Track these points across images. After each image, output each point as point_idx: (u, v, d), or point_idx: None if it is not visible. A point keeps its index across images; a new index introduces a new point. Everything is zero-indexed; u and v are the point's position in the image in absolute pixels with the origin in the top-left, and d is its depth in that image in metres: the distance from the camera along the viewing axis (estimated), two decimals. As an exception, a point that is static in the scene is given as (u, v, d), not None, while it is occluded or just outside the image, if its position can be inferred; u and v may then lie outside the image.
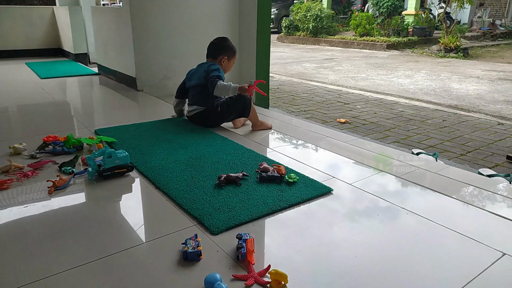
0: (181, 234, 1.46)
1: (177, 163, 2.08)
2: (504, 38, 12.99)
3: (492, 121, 4.16)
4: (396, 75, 6.97)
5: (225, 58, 2.66)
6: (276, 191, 1.78)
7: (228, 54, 2.67)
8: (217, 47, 2.66)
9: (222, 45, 2.68)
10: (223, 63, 2.66)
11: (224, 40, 2.70)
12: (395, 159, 2.53)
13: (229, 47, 2.69)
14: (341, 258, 1.35)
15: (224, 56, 2.66)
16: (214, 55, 2.66)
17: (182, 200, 1.68)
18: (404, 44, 11.01)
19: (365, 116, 4.31)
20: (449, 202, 1.82)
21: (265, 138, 2.88)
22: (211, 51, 2.69)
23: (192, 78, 2.67)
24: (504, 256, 1.35)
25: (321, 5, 13.05)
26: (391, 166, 2.39)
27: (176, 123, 2.85)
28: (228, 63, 2.69)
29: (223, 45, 2.67)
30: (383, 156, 2.49)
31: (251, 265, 1.26)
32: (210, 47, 2.71)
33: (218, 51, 2.66)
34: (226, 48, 2.68)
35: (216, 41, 2.70)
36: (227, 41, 2.70)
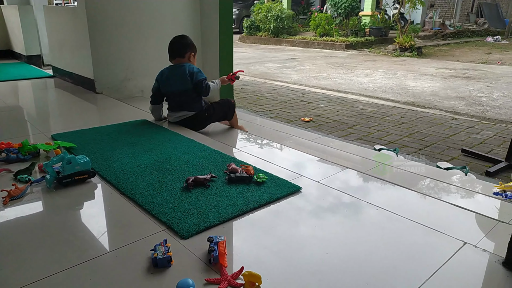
0: (150, 240, 1.41)
1: (142, 167, 2.01)
2: (453, 38, 13.74)
3: (446, 117, 4.39)
4: (356, 74, 7.18)
5: (192, 54, 2.69)
6: (245, 191, 1.77)
7: (193, 49, 2.70)
8: (182, 46, 2.66)
9: (185, 43, 2.68)
10: (191, 60, 2.69)
11: (185, 38, 2.71)
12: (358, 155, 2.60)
13: (192, 43, 2.72)
14: (312, 256, 1.36)
15: (190, 53, 2.67)
16: (180, 53, 2.65)
17: (149, 205, 1.63)
18: (362, 44, 11.37)
19: (328, 115, 4.40)
20: (411, 195, 1.89)
21: (231, 138, 2.86)
22: (176, 51, 2.66)
23: (170, 84, 2.61)
24: (466, 245, 1.41)
25: (281, 6, 13.20)
26: (354, 162, 2.45)
27: (139, 126, 2.77)
28: (194, 59, 2.72)
29: (186, 42, 2.68)
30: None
31: (223, 268, 1.24)
32: (174, 46, 2.67)
33: (183, 49, 2.66)
34: (190, 45, 2.70)
35: (178, 40, 2.69)
36: (188, 38, 2.72)
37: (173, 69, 2.63)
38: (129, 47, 3.81)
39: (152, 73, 3.98)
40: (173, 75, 2.61)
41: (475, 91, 5.71)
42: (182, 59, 2.65)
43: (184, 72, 2.56)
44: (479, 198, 2.07)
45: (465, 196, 2.03)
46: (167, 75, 2.64)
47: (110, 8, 3.63)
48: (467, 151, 3.15)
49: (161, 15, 3.92)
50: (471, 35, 14.43)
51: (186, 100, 2.60)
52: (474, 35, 14.49)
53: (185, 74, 2.56)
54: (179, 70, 2.60)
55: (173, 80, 2.60)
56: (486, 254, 1.37)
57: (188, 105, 2.63)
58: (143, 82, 3.98)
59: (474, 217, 1.67)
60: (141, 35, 3.85)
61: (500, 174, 2.73)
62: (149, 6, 3.83)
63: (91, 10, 3.57)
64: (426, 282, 1.22)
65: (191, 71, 2.58)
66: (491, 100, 5.19)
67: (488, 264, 1.32)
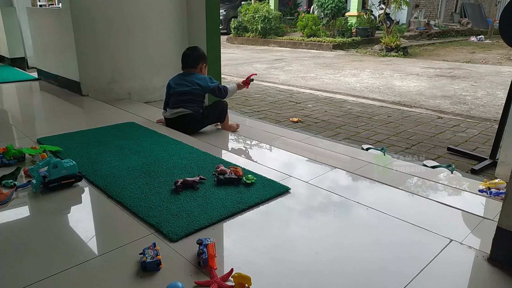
0: (139, 243, 1.40)
1: (130, 170, 2.00)
2: (438, 37, 13.95)
3: (432, 115, 4.45)
4: (343, 74, 7.23)
5: (204, 65, 2.86)
6: (234, 193, 1.77)
7: (205, 61, 2.88)
8: (196, 57, 2.82)
9: (198, 54, 2.84)
10: (203, 70, 2.85)
11: (198, 49, 2.89)
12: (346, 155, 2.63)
13: (204, 55, 2.89)
14: (302, 256, 1.36)
15: (202, 64, 2.84)
16: (194, 64, 2.81)
17: (137, 208, 1.62)
18: (348, 44, 11.46)
19: (316, 115, 4.43)
20: (398, 194, 1.92)
21: (220, 140, 2.86)
22: (190, 62, 2.82)
23: (180, 85, 2.76)
24: (452, 242, 1.44)
25: (268, 7, 13.23)
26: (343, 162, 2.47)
27: (126, 128, 2.75)
28: (205, 69, 2.90)
29: (199, 54, 2.84)
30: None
31: (213, 270, 1.23)
32: (188, 58, 2.82)
33: (197, 60, 2.81)
34: (202, 56, 2.87)
35: (191, 52, 2.85)
36: (200, 50, 2.89)
37: (184, 75, 2.80)
38: (115, 49, 3.78)
39: (139, 75, 3.99)
40: (183, 79, 2.77)
41: (460, 90, 5.81)
42: (194, 70, 2.81)
43: (194, 78, 2.74)
44: (465, 196, 2.11)
45: (451, 194, 2.07)
46: (177, 79, 2.81)
47: (96, 9, 3.59)
48: (452, 150, 3.21)
49: (148, 17, 3.90)
50: (456, 35, 14.68)
51: (185, 100, 2.73)
52: (458, 35, 14.74)
53: (194, 79, 2.74)
54: (189, 76, 2.78)
55: (182, 83, 2.76)
56: (472, 251, 1.39)
57: (186, 104, 2.73)
58: (130, 84, 3.95)
59: (460, 215, 1.71)
60: (128, 36, 3.82)
61: (485, 172, 2.78)
62: (135, 7, 3.80)
63: (76, 11, 3.52)
64: (414, 279, 1.24)
65: (202, 78, 2.76)
66: (475, 98, 5.28)
67: (473, 261, 1.35)
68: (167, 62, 4.13)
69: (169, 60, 4.14)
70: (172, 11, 4.01)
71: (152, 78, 4.07)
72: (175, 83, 2.79)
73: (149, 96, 4.08)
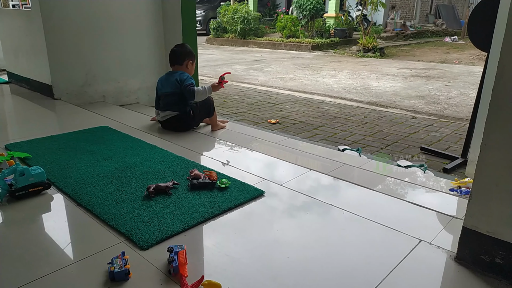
0: (107, 253, 1.37)
1: (101, 176, 1.95)
2: (414, 38, 14.26)
3: (407, 115, 4.54)
4: (322, 75, 7.30)
5: (190, 62, 2.88)
6: (208, 198, 1.76)
7: (191, 57, 2.89)
8: (181, 54, 2.85)
9: (184, 51, 2.87)
10: (188, 67, 2.87)
11: (184, 46, 2.92)
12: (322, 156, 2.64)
13: (190, 52, 2.90)
14: (274, 261, 1.36)
15: (188, 60, 2.86)
16: (179, 61, 2.84)
17: (107, 215, 1.58)
18: (327, 45, 11.58)
19: (295, 116, 4.45)
20: (371, 195, 1.94)
21: (195, 143, 2.83)
22: (176, 58, 2.86)
23: (164, 86, 2.82)
24: (421, 243, 1.46)
25: (248, 7, 13.23)
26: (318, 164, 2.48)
27: (99, 133, 2.69)
28: (192, 66, 2.92)
29: (185, 51, 2.87)
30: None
31: (183, 278, 1.22)
32: (174, 54, 2.87)
33: (182, 57, 2.84)
34: (189, 53, 2.88)
35: (177, 49, 2.89)
36: (187, 47, 2.92)
37: (168, 75, 2.85)
38: (88, 51, 3.69)
39: (114, 77, 3.91)
40: (167, 80, 2.82)
41: (434, 90, 5.94)
42: (180, 66, 2.85)
43: (177, 77, 2.77)
44: (436, 195, 2.15)
45: (423, 194, 2.11)
46: (163, 79, 2.86)
47: (67, 10, 3.50)
48: (425, 149, 3.28)
49: (122, 18, 3.83)
50: (431, 36, 15.04)
51: (171, 102, 2.78)
52: (433, 36, 15.11)
53: (176, 80, 2.76)
54: (172, 76, 2.80)
55: (166, 84, 2.81)
56: (440, 251, 1.42)
57: (172, 106, 2.79)
58: (105, 87, 3.87)
59: (430, 215, 1.74)
60: (102, 38, 3.74)
61: (456, 170, 2.85)
62: (109, 8, 3.72)
63: (47, 12, 3.43)
64: (383, 281, 1.25)
65: (181, 78, 2.76)
66: (448, 98, 5.42)
67: (441, 260, 1.37)
68: (143, 64, 4.07)
69: (145, 62, 4.08)
70: (147, 12, 3.96)
71: (128, 81, 4.00)
72: (161, 83, 2.84)
73: (124, 99, 4.01)
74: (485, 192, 1.23)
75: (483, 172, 1.22)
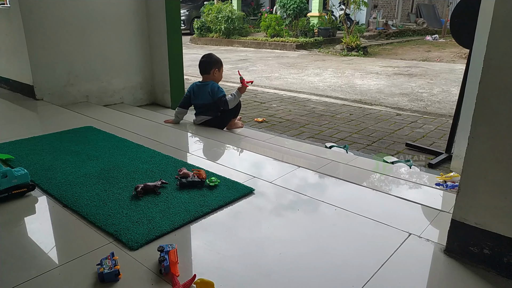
0: (96, 254, 1.34)
1: (87, 177, 1.91)
2: (396, 37, 14.47)
3: (391, 113, 4.60)
4: (307, 74, 7.34)
5: (216, 70, 3.11)
6: (197, 196, 1.74)
7: (217, 66, 3.12)
8: (207, 64, 3.10)
9: (210, 61, 3.11)
10: (215, 75, 3.12)
11: (210, 56, 3.16)
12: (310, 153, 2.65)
13: (216, 61, 3.14)
14: (266, 257, 1.36)
15: (215, 69, 3.10)
16: (207, 70, 3.10)
17: (94, 216, 1.55)
18: (311, 44, 11.65)
19: (281, 114, 4.46)
20: (360, 191, 1.96)
21: (183, 142, 2.81)
22: (203, 69, 3.12)
23: (197, 98, 3.11)
24: (410, 236, 1.48)
25: (231, 7, 13.20)
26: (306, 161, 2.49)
27: (83, 133, 2.63)
28: (219, 73, 3.16)
29: (210, 61, 3.11)
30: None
31: (175, 278, 1.20)
32: (202, 65, 3.12)
33: (208, 67, 3.09)
34: (214, 62, 3.12)
35: (205, 59, 3.14)
36: (212, 56, 3.16)
37: (200, 87, 3.10)
38: (71, 50, 3.62)
39: (98, 77, 3.84)
40: (199, 92, 3.09)
41: (417, 88, 6.04)
42: (208, 75, 3.10)
43: (207, 90, 3.04)
44: (423, 190, 2.18)
45: (410, 188, 2.13)
46: (195, 91, 3.11)
47: (48, 8, 3.42)
48: (411, 145, 3.32)
49: (105, 16, 3.76)
50: (412, 34, 15.28)
51: (205, 109, 3.11)
52: (414, 34, 15.36)
53: (208, 92, 3.03)
54: (204, 88, 3.06)
55: (199, 96, 3.09)
56: (430, 243, 1.44)
57: (206, 112, 3.10)
58: (88, 87, 3.80)
59: (418, 208, 1.76)
60: (84, 37, 3.66)
61: (441, 165, 2.90)
62: (91, 6, 3.65)
63: (26, 10, 3.34)
64: (375, 274, 1.26)
65: (213, 90, 3.02)
66: (431, 95, 5.52)
67: (431, 253, 1.39)
68: (127, 63, 4.01)
69: (129, 61, 4.03)
70: (130, 9, 3.90)
71: (112, 80, 3.94)
72: (194, 93, 3.11)
73: (108, 99, 3.94)
74: (473, 185, 1.25)
75: (471, 164, 1.24)
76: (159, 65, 4.11)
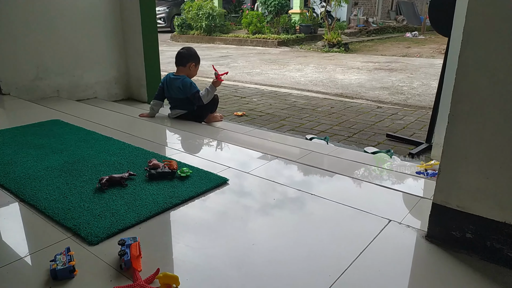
0: (51, 250, 1.22)
1: (48, 170, 1.78)
2: (376, 34, 14.56)
3: (372, 105, 4.57)
4: (288, 69, 7.27)
5: (193, 65, 3.01)
6: (167, 187, 1.63)
7: (195, 61, 3.04)
8: (186, 56, 3.00)
9: (188, 54, 3.01)
10: (191, 69, 3.02)
11: (190, 49, 3.09)
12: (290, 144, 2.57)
13: (194, 55, 3.04)
14: (237, 249, 1.26)
15: (192, 63, 3.00)
16: (183, 63, 2.99)
17: (53, 210, 1.43)
18: (293, 41, 11.60)
19: (261, 108, 4.37)
20: (340, 179, 1.88)
21: (157, 135, 2.69)
22: (180, 60, 3.01)
23: (169, 91, 2.99)
24: (391, 223, 1.41)
25: (212, 4, 13.04)
26: (285, 151, 2.41)
27: (49, 126, 2.49)
28: (195, 69, 3.06)
29: (189, 54, 3.02)
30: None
31: (137, 273, 1.09)
32: (179, 56, 3.02)
33: (186, 59, 2.99)
34: (193, 56, 3.03)
35: (184, 51, 3.05)
36: (192, 50, 3.09)
37: (172, 80, 2.98)
38: (39, 42, 3.44)
39: (69, 71, 3.68)
40: (171, 85, 2.97)
41: (397, 81, 6.04)
42: (183, 68, 2.99)
43: (179, 84, 2.93)
44: (403, 178, 2.13)
45: (390, 177, 2.07)
46: (169, 82, 2.99)
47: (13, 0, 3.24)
48: (391, 136, 3.28)
49: (77, 7, 3.59)
50: (392, 31, 15.41)
51: (179, 103, 2.99)
52: (394, 31, 15.49)
53: (180, 86, 2.93)
54: (175, 82, 2.95)
55: (171, 89, 2.98)
56: (410, 230, 1.37)
57: (181, 106, 2.99)
58: (58, 81, 3.63)
59: (399, 196, 1.70)
60: (53, 29, 3.49)
61: (422, 155, 2.86)
62: (60, -2, 3.48)
63: (-10, 1, 3.16)
64: (355, 261, 1.19)
65: (184, 85, 2.91)
66: (411, 89, 5.52)
67: (411, 239, 1.32)
68: (100, 56, 3.86)
69: (102, 54, 3.87)
70: (104, 3, 3.74)
71: (84, 74, 3.77)
72: (167, 85, 2.99)
73: (81, 94, 3.78)
74: (454, 166, 1.19)
75: (452, 144, 1.18)
76: (135, 58, 3.96)
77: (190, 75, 3.01)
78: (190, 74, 3.01)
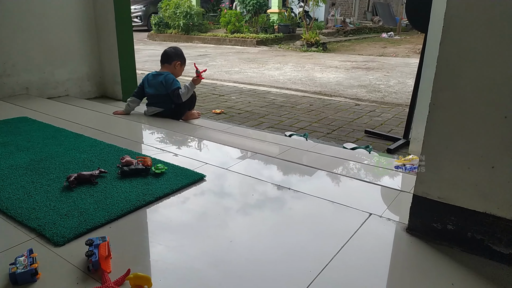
0: (12, 252, 1.13)
1: (12, 169, 1.67)
2: (353, 34, 14.75)
3: (350, 103, 4.59)
4: (267, 68, 7.24)
5: (179, 64, 3.01)
6: (141, 185, 1.56)
7: (182, 60, 3.03)
8: (172, 54, 3.00)
9: (175, 52, 3.01)
10: (176, 68, 3.01)
11: (177, 49, 3.08)
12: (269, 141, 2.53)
13: (181, 54, 3.04)
14: (215, 247, 1.20)
15: (178, 62, 3.00)
16: (168, 60, 2.98)
17: (15, 210, 1.33)
18: (272, 40, 11.59)
19: (240, 106, 4.32)
20: (319, 174, 1.85)
21: (131, 131, 2.60)
22: (166, 58, 3.00)
23: (150, 87, 2.93)
24: (371, 216, 1.38)
25: (190, 2, 12.89)
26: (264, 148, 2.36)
27: (15, 124, 2.35)
28: (181, 68, 3.05)
29: (176, 52, 3.02)
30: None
31: (105, 274, 1.02)
32: (165, 54, 3.01)
33: (172, 58, 2.98)
34: (179, 55, 3.02)
35: (171, 49, 3.05)
36: (180, 50, 3.08)
37: (154, 76, 2.95)
38: (5, 36, 3.27)
39: (38, 67, 3.52)
40: (153, 81, 2.93)
41: (375, 80, 6.11)
42: (169, 66, 2.98)
43: (162, 79, 2.89)
44: (382, 173, 2.11)
45: (370, 172, 2.06)
46: (150, 80, 2.95)
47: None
48: (369, 132, 3.29)
49: (45, 5, 3.43)
50: (369, 32, 15.65)
51: (157, 101, 2.93)
52: (371, 32, 15.73)
53: (161, 82, 2.88)
54: (158, 77, 2.91)
55: (152, 85, 2.93)
56: (391, 223, 1.35)
57: (158, 104, 2.93)
58: (28, 78, 3.47)
59: (378, 190, 1.68)
60: (21, 22, 3.33)
61: (399, 150, 2.88)
62: (28, -10, 3.33)
63: (-49, -8, 2.98)
64: (336, 255, 1.15)
65: (167, 81, 2.87)
66: (388, 87, 5.58)
67: (392, 232, 1.30)
68: (72, 52, 3.71)
69: (74, 50, 3.72)
70: None
71: (54, 71, 3.62)
72: (148, 82, 2.93)
73: (51, 91, 3.62)
74: (435, 156, 1.17)
75: (432, 134, 1.16)
76: (108, 54, 3.83)
77: (175, 74, 2.97)
78: (175, 72, 2.98)
